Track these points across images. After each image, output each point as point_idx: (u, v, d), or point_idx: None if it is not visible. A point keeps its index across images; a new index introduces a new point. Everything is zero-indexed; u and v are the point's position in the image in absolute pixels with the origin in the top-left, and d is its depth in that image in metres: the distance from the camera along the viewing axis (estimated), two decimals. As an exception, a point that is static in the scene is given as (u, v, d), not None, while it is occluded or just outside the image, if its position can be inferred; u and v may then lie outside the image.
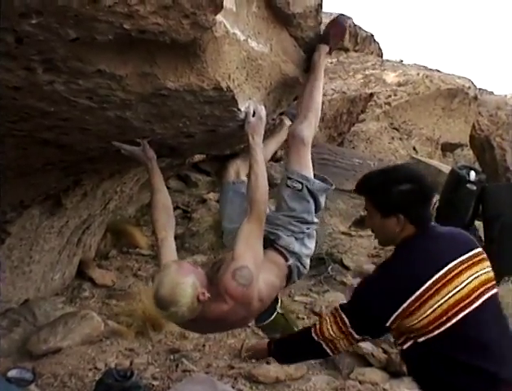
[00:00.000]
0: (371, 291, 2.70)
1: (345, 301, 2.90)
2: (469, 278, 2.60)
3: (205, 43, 2.58)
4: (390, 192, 2.67)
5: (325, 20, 3.82)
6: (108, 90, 2.63)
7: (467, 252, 2.66)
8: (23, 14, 2.13)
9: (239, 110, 3.02)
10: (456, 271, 2.59)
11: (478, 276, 2.63)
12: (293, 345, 3.06)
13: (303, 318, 5.89)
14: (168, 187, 4.77)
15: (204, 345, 5.35)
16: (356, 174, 8.22)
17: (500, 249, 6.45)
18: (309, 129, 3.54)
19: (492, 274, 2.74)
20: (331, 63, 9.37)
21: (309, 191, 3.43)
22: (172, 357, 5.17)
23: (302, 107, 3.59)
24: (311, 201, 3.46)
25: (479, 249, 2.73)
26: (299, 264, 3.42)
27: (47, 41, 2.28)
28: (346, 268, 7.09)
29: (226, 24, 2.66)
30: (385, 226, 2.71)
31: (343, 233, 7.90)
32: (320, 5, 3.44)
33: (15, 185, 3.93)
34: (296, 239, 3.41)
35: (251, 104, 3.15)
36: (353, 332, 2.69)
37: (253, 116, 3.16)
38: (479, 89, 13.62)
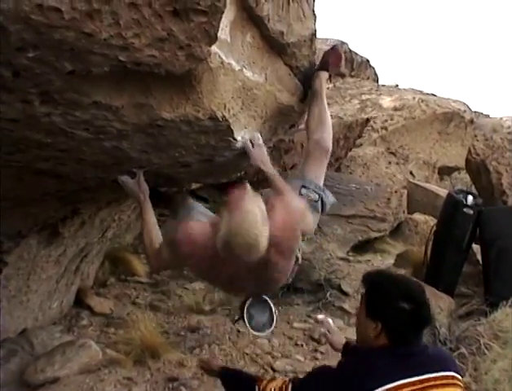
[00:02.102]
0: (319, 383, 2.63)
1: (300, 377, 2.85)
2: None
3: (201, 74, 2.61)
4: (384, 301, 2.58)
5: (321, 47, 3.85)
6: (105, 121, 2.65)
7: (434, 372, 2.50)
8: (20, 48, 2.16)
9: (235, 139, 3.04)
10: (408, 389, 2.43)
11: None
12: (236, 384, 3.07)
13: (302, 345, 5.85)
14: (166, 214, 4.79)
15: (202, 374, 5.33)
16: (354, 199, 8.25)
17: (497, 272, 6.50)
18: (331, 142, 3.60)
19: None
20: (327, 88, 9.41)
21: (322, 202, 3.43)
22: (171, 385, 5.13)
23: (316, 127, 3.65)
24: (320, 213, 3.47)
25: (452, 373, 2.55)
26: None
27: (44, 74, 2.31)
28: (345, 294, 7.06)
29: (221, 54, 2.69)
30: (364, 326, 2.61)
31: (341, 258, 7.88)
32: (314, 34, 3.48)
33: (12, 215, 3.93)
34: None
35: (246, 134, 3.18)
36: None
37: (253, 147, 3.20)
38: (475, 112, 13.70)
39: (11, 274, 4.96)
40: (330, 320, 3.27)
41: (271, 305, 3.27)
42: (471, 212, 6.57)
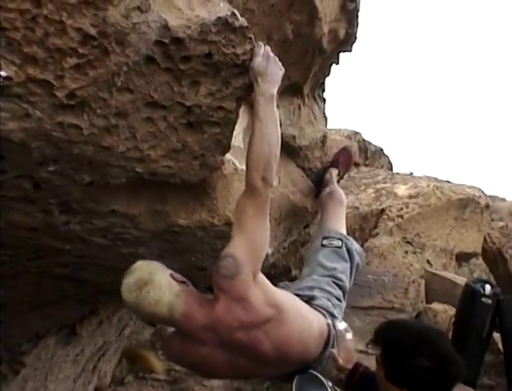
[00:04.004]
0: None
1: None
2: None
3: (215, 181, 2.67)
4: (405, 362, 2.32)
5: (335, 137, 3.93)
6: (122, 229, 2.71)
7: None
8: (40, 162, 2.24)
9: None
10: None
11: None
12: None
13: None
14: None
15: None
16: (371, 291, 8.18)
17: (519, 362, 6.35)
18: (344, 197, 3.55)
19: None
20: (342, 179, 9.50)
21: (347, 249, 3.28)
22: None
23: (328, 196, 3.59)
24: (349, 262, 3.26)
25: None
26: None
27: (63, 186, 2.38)
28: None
29: (234, 161, 2.77)
30: (385, 389, 2.41)
31: (361, 351, 7.74)
32: (326, 136, 3.56)
33: (31, 317, 3.96)
34: (332, 304, 3.02)
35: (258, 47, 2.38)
36: None
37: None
38: (491, 196, 13.70)
39: (28, 374, 4.94)
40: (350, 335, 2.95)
41: (325, 382, 2.78)
42: (490, 301, 6.48)
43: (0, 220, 2.47)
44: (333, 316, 2.93)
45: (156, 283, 2.46)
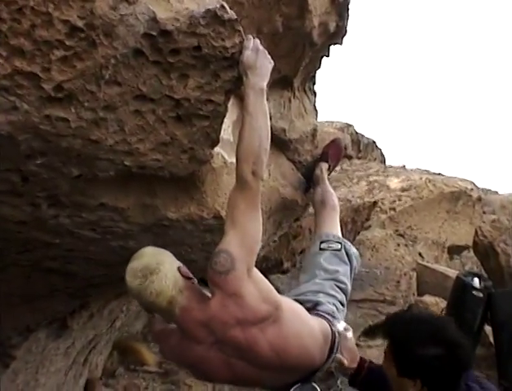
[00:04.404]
0: None
1: None
2: None
3: (204, 174, 2.67)
4: (414, 353, 2.29)
5: (327, 129, 3.93)
6: (111, 222, 2.70)
7: None
8: (28, 155, 2.23)
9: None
10: None
11: None
12: None
13: (314, 435, 5.72)
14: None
15: None
16: (363, 284, 8.19)
17: (510, 356, 6.37)
18: (336, 202, 3.52)
19: None
20: (335, 171, 9.52)
21: (346, 252, 3.26)
22: None
23: (319, 200, 3.56)
24: (349, 264, 3.23)
25: None
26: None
27: (52, 179, 2.38)
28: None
29: (223, 154, 2.76)
30: (400, 385, 2.37)
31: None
32: (316, 129, 3.55)
33: (21, 310, 3.95)
34: (337, 309, 2.98)
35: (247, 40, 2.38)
36: None
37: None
38: (483, 189, 13.72)
39: (19, 368, 4.93)
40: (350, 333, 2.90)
41: None
42: (481, 295, 6.48)
43: (-12, 214, 2.47)
44: (336, 320, 2.89)
45: (161, 274, 2.40)
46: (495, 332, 6.72)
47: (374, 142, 13.01)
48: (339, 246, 3.26)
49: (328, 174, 3.80)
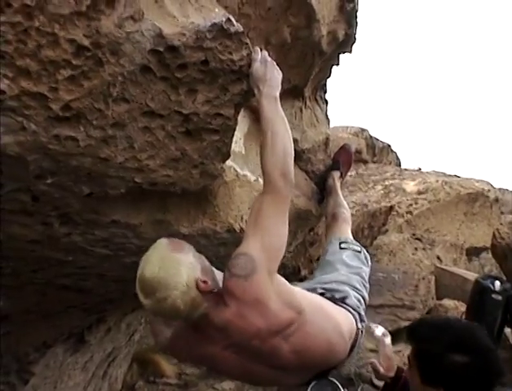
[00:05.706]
0: None
1: None
2: None
3: (216, 188, 2.65)
4: (437, 359, 2.20)
5: (342, 135, 3.92)
6: (124, 239, 2.69)
7: None
8: (38, 175, 2.22)
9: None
10: None
11: None
12: None
13: None
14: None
15: None
16: (381, 289, 8.13)
17: (531, 359, 6.31)
18: (348, 210, 3.53)
19: None
20: (350, 176, 9.48)
21: (364, 255, 3.25)
22: None
23: (332, 217, 3.55)
24: (368, 267, 3.20)
25: None
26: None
27: (62, 198, 2.36)
28: (377, 387, 6.88)
29: (235, 167, 2.75)
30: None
31: (371, 350, 7.71)
32: (328, 138, 3.53)
33: (38, 327, 3.95)
34: (361, 304, 2.91)
35: (255, 53, 2.39)
36: None
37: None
38: (500, 189, 13.62)
39: (37, 383, 4.93)
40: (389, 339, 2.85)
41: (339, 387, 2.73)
42: (500, 297, 6.43)
43: (0, 233, 2.46)
44: (360, 317, 2.81)
45: (176, 294, 2.18)
46: (515, 335, 6.67)
47: (389, 145, 12.96)
48: (359, 248, 3.26)
49: (342, 181, 3.79)
